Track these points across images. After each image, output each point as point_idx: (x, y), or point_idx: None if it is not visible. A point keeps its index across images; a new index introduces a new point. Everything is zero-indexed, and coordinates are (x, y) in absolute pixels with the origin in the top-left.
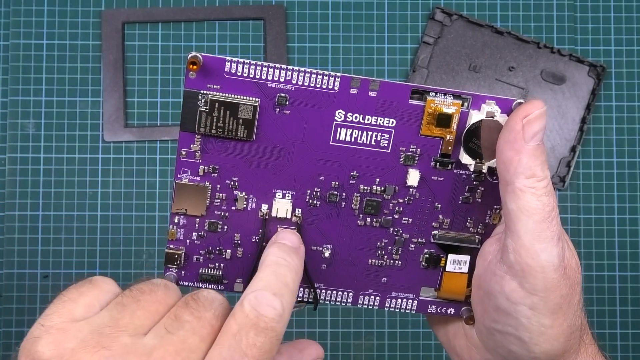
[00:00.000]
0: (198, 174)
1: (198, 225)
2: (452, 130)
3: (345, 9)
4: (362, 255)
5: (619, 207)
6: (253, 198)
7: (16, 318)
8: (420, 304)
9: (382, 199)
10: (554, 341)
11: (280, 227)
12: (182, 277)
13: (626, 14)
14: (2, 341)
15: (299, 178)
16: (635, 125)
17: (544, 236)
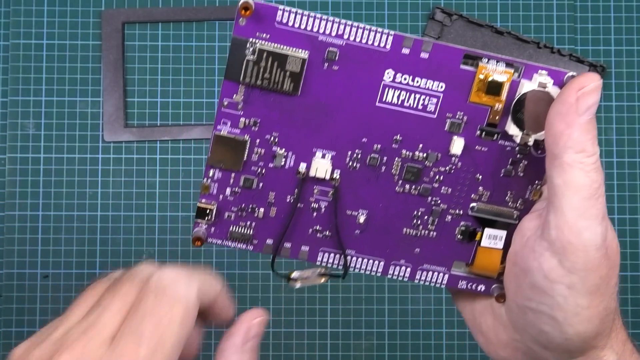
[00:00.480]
0: (238, 127)
1: (233, 180)
2: (501, 99)
3: (345, 8)
4: (397, 224)
5: (619, 207)
6: (292, 156)
7: (16, 318)
8: (451, 279)
9: (424, 166)
10: (588, 323)
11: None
12: (211, 234)
13: (626, 14)
14: (2, 341)
15: (341, 138)
16: (635, 125)
17: (588, 214)
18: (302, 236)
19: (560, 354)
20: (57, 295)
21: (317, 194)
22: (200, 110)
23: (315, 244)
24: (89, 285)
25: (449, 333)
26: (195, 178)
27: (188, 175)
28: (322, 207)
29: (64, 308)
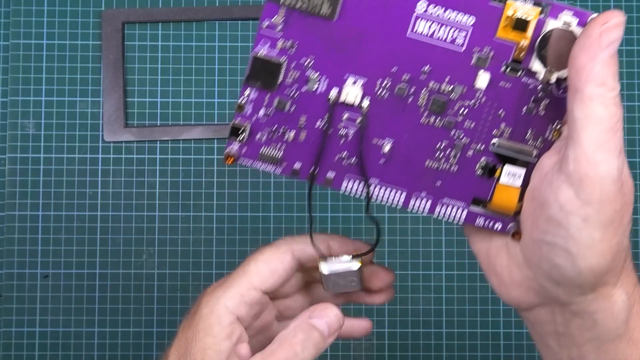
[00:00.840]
0: (275, 48)
1: (267, 101)
2: (527, 36)
3: None
4: (420, 155)
5: None
6: (325, 80)
7: (16, 318)
8: (469, 215)
9: (449, 98)
10: (600, 256)
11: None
12: (242, 154)
13: (626, 14)
14: (2, 341)
15: (372, 66)
16: (635, 125)
17: (606, 147)
18: (329, 162)
19: (572, 290)
20: (57, 295)
21: (345, 121)
22: (200, 110)
23: (340, 171)
24: None
25: (449, 333)
26: (195, 178)
27: (188, 175)
28: (349, 134)
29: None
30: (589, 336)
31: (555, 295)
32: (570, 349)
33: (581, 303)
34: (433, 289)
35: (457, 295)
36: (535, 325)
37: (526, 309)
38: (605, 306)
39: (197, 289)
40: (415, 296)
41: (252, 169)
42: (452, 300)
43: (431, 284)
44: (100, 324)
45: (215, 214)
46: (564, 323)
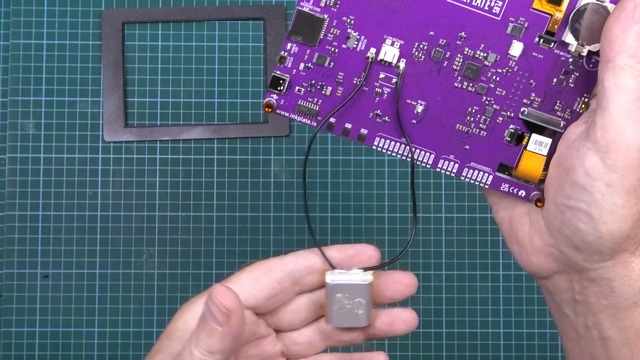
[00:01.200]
0: (319, 5)
1: (307, 56)
2: (562, 9)
3: None
4: (451, 118)
5: None
6: (364, 40)
7: (16, 318)
8: (495, 180)
9: (483, 65)
10: (621, 222)
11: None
12: (280, 105)
13: None
14: (2, 341)
15: (411, 28)
16: None
17: (634, 115)
18: (364, 118)
19: (591, 256)
20: (57, 295)
21: (381, 80)
22: (200, 110)
23: (374, 128)
24: None
25: (448, 333)
26: (195, 178)
27: (188, 175)
28: (385, 92)
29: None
30: (606, 304)
31: (575, 261)
32: (587, 316)
33: (599, 270)
34: (433, 289)
35: (457, 295)
36: (553, 294)
37: (545, 276)
38: (623, 273)
39: (197, 289)
40: (415, 296)
41: (289, 118)
42: (452, 300)
43: (431, 284)
44: (100, 324)
45: (215, 214)
46: (581, 290)
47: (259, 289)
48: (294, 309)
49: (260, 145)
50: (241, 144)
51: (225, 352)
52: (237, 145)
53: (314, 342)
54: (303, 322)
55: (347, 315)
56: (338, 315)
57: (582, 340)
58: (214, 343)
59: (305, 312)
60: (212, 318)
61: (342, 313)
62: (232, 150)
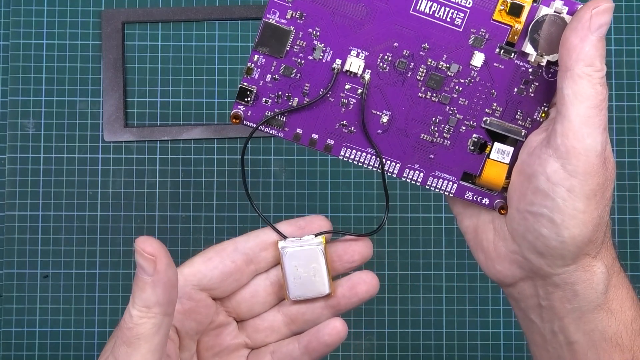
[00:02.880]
0: (285, 17)
1: (274, 67)
2: (521, 20)
3: None
4: (416, 128)
5: (619, 207)
6: (329, 51)
7: (16, 318)
8: (459, 188)
9: (446, 75)
10: (583, 227)
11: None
12: (248, 117)
13: (626, 14)
14: (2, 341)
15: (375, 40)
16: (635, 125)
17: (592, 122)
18: (330, 129)
19: (554, 260)
20: (57, 295)
21: (347, 90)
22: (200, 110)
23: (340, 138)
24: None
25: (449, 333)
26: (195, 178)
27: (188, 175)
28: (350, 103)
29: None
30: (570, 307)
31: (538, 267)
32: (553, 321)
33: (563, 274)
34: (433, 289)
35: (457, 295)
36: (518, 301)
37: (510, 283)
38: (586, 277)
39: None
40: (415, 296)
41: (257, 129)
42: (452, 300)
43: (431, 284)
44: (100, 324)
45: (215, 214)
46: (546, 295)
47: (211, 268)
48: (252, 291)
49: (260, 145)
50: (241, 144)
51: (161, 304)
52: (237, 145)
53: (278, 327)
54: (263, 305)
55: (304, 285)
56: (295, 287)
57: (550, 346)
58: (147, 296)
59: (263, 294)
60: (141, 271)
61: (300, 283)
62: (232, 150)
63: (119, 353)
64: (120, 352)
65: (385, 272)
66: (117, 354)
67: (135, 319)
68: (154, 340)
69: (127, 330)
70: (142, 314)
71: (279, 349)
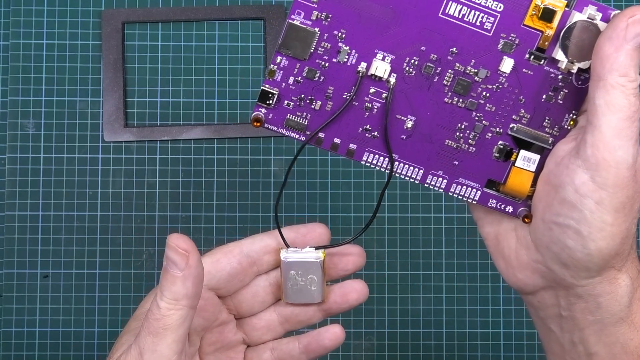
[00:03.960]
0: (310, 18)
1: (297, 70)
2: (552, 26)
3: None
4: (441, 134)
5: None
6: (355, 54)
7: (16, 318)
8: (483, 196)
9: (473, 81)
10: (610, 239)
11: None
12: (269, 120)
13: None
14: (2, 341)
15: (402, 43)
16: None
17: (624, 134)
18: (353, 133)
19: (579, 272)
20: (57, 295)
21: (371, 94)
22: (200, 110)
23: (362, 143)
24: None
25: (449, 333)
26: (195, 178)
27: (188, 175)
28: (374, 107)
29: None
30: (592, 319)
31: (562, 278)
32: (572, 332)
33: (586, 286)
34: (433, 289)
35: (457, 295)
36: (538, 309)
37: (530, 292)
38: (610, 289)
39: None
40: (415, 296)
41: (277, 133)
42: (452, 300)
43: (431, 284)
44: (100, 324)
45: (215, 214)
46: (567, 306)
47: (219, 269)
48: (253, 292)
49: (260, 145)
50: (241, 144)
51: (189, 297)
52: (237, 145)
53: (273, 327)
54: (262, 304)
55: (301, 292)
56: (292, 292)
57: (568, 356)
58: (177, 289)
59: (263, 294)
60: (172, 265)
61: (296, 290)
62: (232, 150)
63: (144, 343)
64: (146, 342)
65: (385, 272)
66: (143, 344)
67: (163, 310)
68: (179, 331)
69: (154, 321)
70: (171, 305)
71: (279, 347)
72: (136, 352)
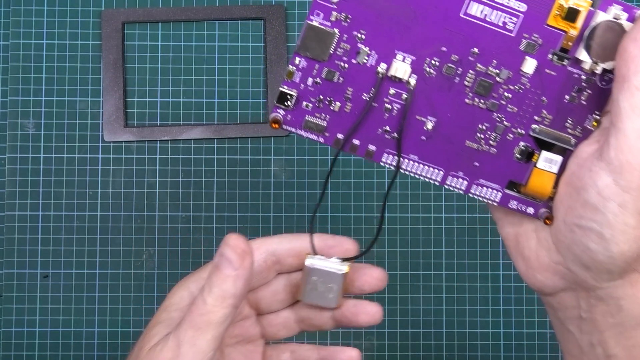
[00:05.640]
0: (329, 19)
1: (316, 71)
2: (576, 26)
3: None
4: (461, 135)
5: None
6: (374, 55)
7: (16, 318)
8: (504, 197)
9: (495, 81)
10: (633, 242)
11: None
12: (287, 121)
13: None
14: (2, 341)
15: (422, 44)
16: None
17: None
18: (372, 135)
19: (601, 275)
20: (57, 295)
21: (391, 95)
22: (200, 110)
23: (382, 144)
24: None
25: (449, 333)
26: (195, 178)
27: (188, 175)
28: (394, 108)
29: (64, 308)
30: (613, 322)
31: (583, 280)
32: (592, 334)
33: (608, 288)
34: (433, 289)
35: (457, 295)
36: (557, 310)
37: (550, 293)
38: (632, 292)
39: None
40: (415, 296)
41: (296, 135)
42: (452, 300)
43: (431, 284)
44: (100, 324)
45: (215, 214)
46: (588, 308)
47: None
48: (273, 290)
49: (260, 145)
50: (241, 144)
51: (237, 297)
52: (237, 145)
53: (289, 324)
54: (280, 303)
55: (318, 295)
56: (310, 294)
57: (586, 357)
58: (227, 287)
59: (282, 294)
60: (226, 263)
61: (314, 293)
62: (232, 150)
63: (184, 336)
64: (186, 335)
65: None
66: (183, 337)
67: (209, 306)
68: (220, 328)
69: (198, 315)
70: (217, 303)
71: (299, 351)
72: (174, 344)
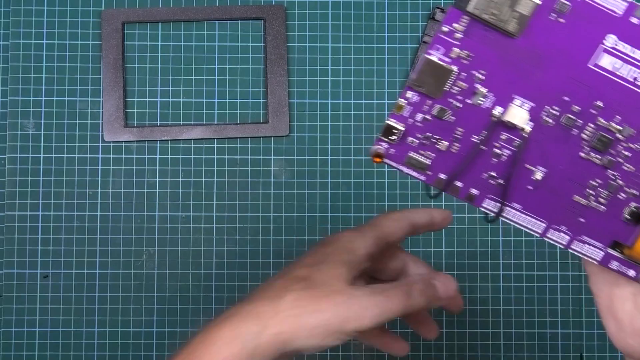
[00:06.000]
0: (449, 55)
1: (427, 107)
2: None
3: (345, 8)
4: (570, 189)
5: None
6: (491, 97)
7: (16, 318)
8: (605, 257)
9: (615, 138)
10: None
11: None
12: (389, 155)
13: None
14: (2, 341)
15: (544, 91)
16: None
17: None
18: (476, 179)
19: None
20: (57, 295)
21: (503, 140)
22: (200, 110)
23: (485, 190)
24: None
25: (449, 333)
26: (195, 178)
27: (188, 175)
28: (504, 154)
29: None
30: None
31: None
32: None
33: None
34: None
35: None
36: None
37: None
38: None
39: (197, 289)
40: None
41: (395, 169)
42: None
43: None
44: (100, 324)
45: (215, 214)
46: None
47: (398, 229)
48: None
49: (260, 145)
50: (241, 144)
51: (387, 319)
52: (237, 145)
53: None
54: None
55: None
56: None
57: None
58: (391, 308)
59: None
60: (433, 293)
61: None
62: (232, 150)
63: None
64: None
65: None
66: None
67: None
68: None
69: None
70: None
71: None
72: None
